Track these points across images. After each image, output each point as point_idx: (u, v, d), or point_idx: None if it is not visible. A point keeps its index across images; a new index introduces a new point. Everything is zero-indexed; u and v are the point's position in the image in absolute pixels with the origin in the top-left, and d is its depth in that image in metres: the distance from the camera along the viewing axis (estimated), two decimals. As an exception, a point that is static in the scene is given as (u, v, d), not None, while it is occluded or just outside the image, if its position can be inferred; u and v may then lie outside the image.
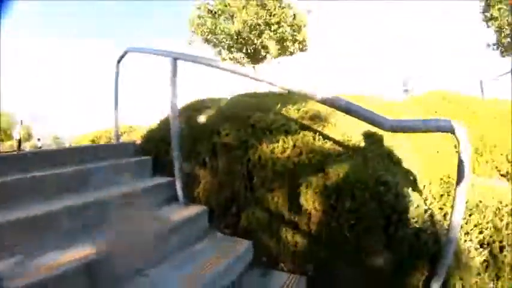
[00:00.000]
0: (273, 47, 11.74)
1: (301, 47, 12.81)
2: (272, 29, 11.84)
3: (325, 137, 2.61)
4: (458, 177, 1.72)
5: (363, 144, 2.73)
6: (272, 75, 2.05)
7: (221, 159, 2.68)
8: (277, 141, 2.46)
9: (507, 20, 13.61)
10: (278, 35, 11.93)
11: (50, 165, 2.46)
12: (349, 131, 2.89)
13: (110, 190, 2.33)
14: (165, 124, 3.33)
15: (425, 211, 2.21)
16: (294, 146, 2.41)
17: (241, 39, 12.16)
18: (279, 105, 3.05)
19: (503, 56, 15.02)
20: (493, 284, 2.24)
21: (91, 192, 2.24)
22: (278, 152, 2.40)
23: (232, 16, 12.22)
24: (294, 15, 12.51)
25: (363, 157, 2.43)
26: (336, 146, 2.55)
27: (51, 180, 2.21)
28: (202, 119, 3.16)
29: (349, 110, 1.77)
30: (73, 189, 2.25)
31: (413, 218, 2.12)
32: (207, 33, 13.02)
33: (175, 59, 2.56)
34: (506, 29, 13.97)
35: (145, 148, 3.40)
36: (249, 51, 12.44)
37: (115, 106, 3.99)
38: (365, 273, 2.10)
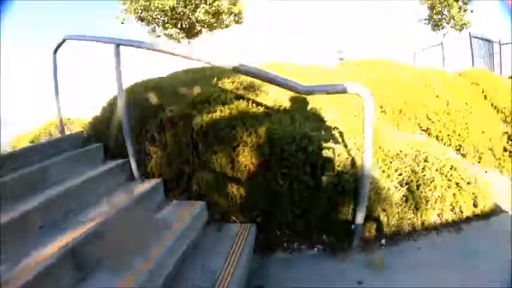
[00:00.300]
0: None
1: (237, 19, 12.90)
2: (208, 3, 11.79)
3: (258, 104, 2.98)
4: (365, 127, 2.19)
5: (291, 107, 3.13)
6: (202, 53, 2.35)
7: (168, 133, 2.94)
8: (215, 111, 2.78)
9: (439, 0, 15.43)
10: (214, 8, 11.93)
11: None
12: (280, 97, 3.27)
13: (68, 182, 2.42)
14: (109, 110, 3.49)
15: (347, 158, 2.69)
16: (230, 113, 2.75)
17: (176, 15, 11.97)
18: (215, 79, 3.34)
19: (434, 30, 16.76)
20: (413, 214, 2.80)
21: (51, 189, 2.33)
22: (217, 119, 2.72)
23: (166, -9, 11.90)
24: (231, -13, 12.48)
25: (291, 118, 2.84)
26: (268, 110, 2.93)
27: (10, 185, 2.24)
28: (147, 99, 3.35)
29: (267, 78, 2.12)
30: (33, 188, 2.33)
31: (336, 163, 2.58)
32: (140, 11, 12.58)
33: (118, 45, 2.64)
34: (438, 6, 15.83)
35: (94, 136, 3.53)
36: (184, 26, 12.28)
37: (56, 98, 3.85)
38: (301, 215, 2.55)
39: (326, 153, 2.56)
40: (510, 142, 4.76)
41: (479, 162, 4.39)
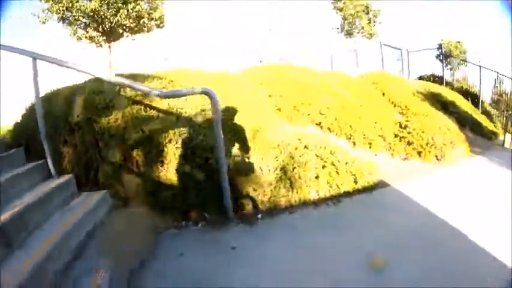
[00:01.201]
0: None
1: (158, 23, 13.29)
2: (130, 7, 12.01)
3: (152, 108, 3.62)
4: (214, 117, 2.94)
5: (188, 113, 3.71)
6: (92, 68, 3.04)
7: (77, 135, 3.54)
8: (112, 115, 3.44)
9: (350, 13, 18.37)
10: (135, 13, 12.23)
11: None
12: (180, 103, 3.81)
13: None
14: (29, 116, 3.87)
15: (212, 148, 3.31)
16: (123, 116, 3.43)
17: (98, 18, 12.06)
18: (118, 87, 3.91)
19: (347, 38, 19.33)
20: (290, 192, 3.51)
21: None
22: (112, 122, 3.40)
23: (89, -7, 11.87)
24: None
25: (177, 117, 3.57)
26: (160, 114, 3.57)
27: None
28: (60, 106, 3.84)
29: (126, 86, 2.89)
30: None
31: (204, 153, 3.33)
32: (62, 12, 12.40)
33: (34, 59, 2.97)
34: (349, 17, 18.64)
35: (16, 141, 3.88)
36: (105, 29, 12.48)
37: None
38: (182, 196, 3.24)
39: (195, 144, 3.30)
40: (401, 129, 5.83)
41: (370, 147, 5.25)
